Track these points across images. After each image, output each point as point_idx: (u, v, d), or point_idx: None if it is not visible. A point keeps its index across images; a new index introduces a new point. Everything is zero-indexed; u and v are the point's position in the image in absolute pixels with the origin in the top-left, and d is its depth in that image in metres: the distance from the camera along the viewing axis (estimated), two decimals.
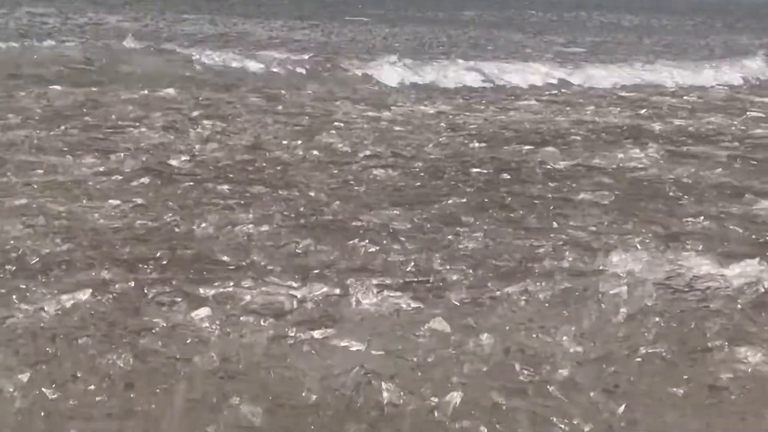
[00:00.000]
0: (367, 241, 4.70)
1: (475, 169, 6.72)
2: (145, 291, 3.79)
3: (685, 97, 11.58)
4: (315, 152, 6.99)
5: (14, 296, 3.62)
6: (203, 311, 3.57)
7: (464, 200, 5.72)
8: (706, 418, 3.10)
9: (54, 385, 2.97)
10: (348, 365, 3.20)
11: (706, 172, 6.97)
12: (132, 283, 3.87)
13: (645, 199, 6.01)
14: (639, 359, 3.43)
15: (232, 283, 3.94)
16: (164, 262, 4.25)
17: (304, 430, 2.89)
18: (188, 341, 3.32)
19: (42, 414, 2.84)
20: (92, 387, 2.99)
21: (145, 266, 4.17)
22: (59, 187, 5.49)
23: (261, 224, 4.93)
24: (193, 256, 4.39)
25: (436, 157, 7.16)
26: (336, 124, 8.28)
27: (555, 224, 5.28)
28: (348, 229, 4.96)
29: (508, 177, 6.49)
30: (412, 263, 4.38)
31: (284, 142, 7.33)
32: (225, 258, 4.39)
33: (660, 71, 13.45)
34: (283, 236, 4.78)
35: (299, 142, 7.31)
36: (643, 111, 10.14)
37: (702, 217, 5.50)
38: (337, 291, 3.92)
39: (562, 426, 2.98)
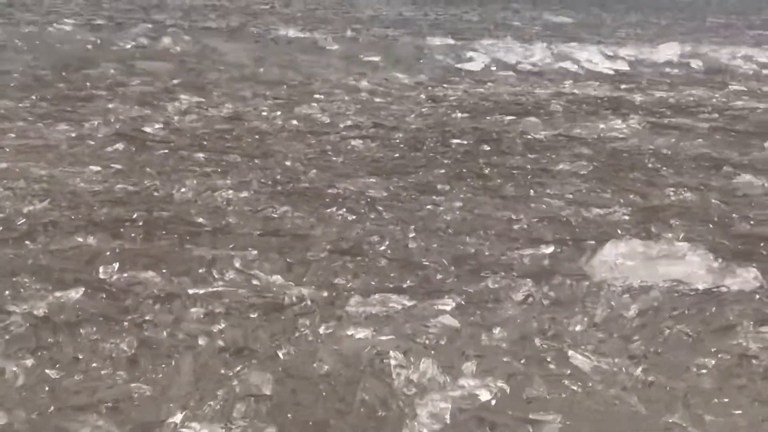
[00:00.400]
0: (344, 210, 4.68)
1: (455, 140, 6.69)
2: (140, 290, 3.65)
3: (666, 70, 11.56)
4: (294, 122, 6.94)
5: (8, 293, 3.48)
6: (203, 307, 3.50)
7: (443, 171, 5.69)
8: (731, 381, 3.07)
9: (57, 366, 2.93)
10: (359, 347, 3.15)
11: (686, 143, 6.97)
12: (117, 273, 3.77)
13: (625, 170, 6.00)
14: (664, 338, 3.35)
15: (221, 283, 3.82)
16: (141, 224, 4.25)
17: (316, 398, 2.84)
18: (192, 328, 3.27)
19: (46, 389, 2.81)
20: (96, 364, 2.95)
21: (126, 229, 4.16)
22: (32, 151, 5.46)
23: (239, 191, 4.91)
24: (170, 218, 4.40)
25: (417, 127, 7.12)
26: (317, 96, 8.24)
27: (532, 192, 5.27)
28: (324, 197, 4.94)
29: (488, 148, 6.47)
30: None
31: (263, 112, 7.28)
32: (201, 220, 4.41)
33: (641, 45, 13.42)
34: (262, 202, 4.76)
35: (279, 112, 7.26)
36: (623, 85, 10.12)
37: (683, 189, 5.44)
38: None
39: (575, 387, 2.96)
